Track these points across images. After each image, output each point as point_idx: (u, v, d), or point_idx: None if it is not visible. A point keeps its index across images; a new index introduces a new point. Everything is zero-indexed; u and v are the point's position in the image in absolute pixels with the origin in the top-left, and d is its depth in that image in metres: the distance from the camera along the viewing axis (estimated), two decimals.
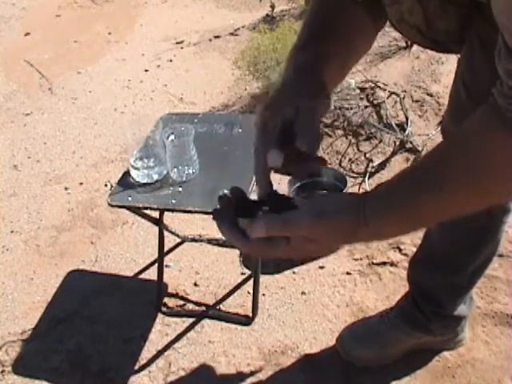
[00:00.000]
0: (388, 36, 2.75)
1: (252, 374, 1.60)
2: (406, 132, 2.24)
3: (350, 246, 1.82)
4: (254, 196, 0.81)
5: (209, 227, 2.07)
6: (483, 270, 1.41)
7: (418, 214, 0.73)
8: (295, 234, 0.73)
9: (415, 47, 2.65)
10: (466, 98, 1.10)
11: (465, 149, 0.70)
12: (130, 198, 1.56)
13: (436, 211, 0.73)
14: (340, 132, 2.34)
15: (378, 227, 0.73)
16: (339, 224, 0.72)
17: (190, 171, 1.59)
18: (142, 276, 1.94)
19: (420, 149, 2.21)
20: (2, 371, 1.68)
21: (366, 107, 2.37)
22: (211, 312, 1.78)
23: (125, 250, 2.04)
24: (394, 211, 0.73)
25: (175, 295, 1.85)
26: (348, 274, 1.84)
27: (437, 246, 1.38)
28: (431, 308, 1.47)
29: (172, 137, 1.59)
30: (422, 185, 0.71)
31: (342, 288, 1.80)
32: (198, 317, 1.77)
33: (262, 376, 1.59)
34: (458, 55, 1.11)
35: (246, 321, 1.74)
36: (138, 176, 1.59)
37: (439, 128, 2.23)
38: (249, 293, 1.80)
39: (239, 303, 1.80)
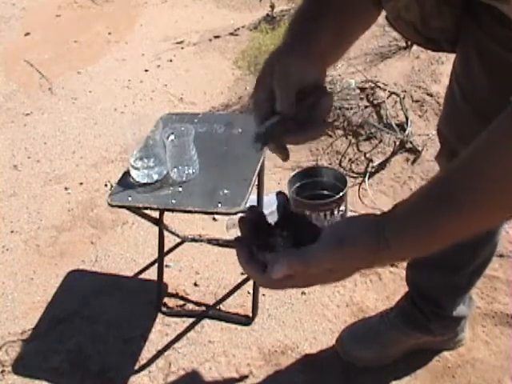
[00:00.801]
0: (388, 36, 2.75)
1: (252, 374, 1.60)
2: (406, 132, 2.24)
3: None
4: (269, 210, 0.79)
5: (209, 227, 2.07)
6: (482, 271, 1.41)
7: (438, 236, 0.71)
8: (318, 270, 0.71)
9: (415, 47, 2.65)
10: (462, 101, 1.10)
11: (484, 162, 0.68)
12: (130, 198, 1.56)
13: (456, 231, 0.71)
14: (340, 132, 2.34)
15: (398, 249, 0.71)
16: (360, 252, 0.70)
17: (190, 171, 1.59)
18: (142, 276, 1.94)
19: (420, 149, 2.21)
20: (2, 371, 1.68)
21: (365, 107, 2.37)
22: (211, 312, 1.79)
23: (125, 250, 2.04)
24: (413, 234, 0.71)
25: (175, 295, 1.85)
26: None
27: None
28: (431, 308, 1.47)
29: (172, 137, 1.59)
30: (442, 204, 0.69)
31: (342, 288, 1.80)
32: (198, 317, 1.77)
33: (262, 376, 1.59)
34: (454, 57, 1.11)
35: (246, 321, 1.74)
36: (138, 176, 1.59)
37: None
38: (249, 293, 1.80)
39: (239, 303, 1.80)
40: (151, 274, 1.90)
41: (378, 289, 1.78)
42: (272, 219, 0.78)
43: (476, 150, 0.69)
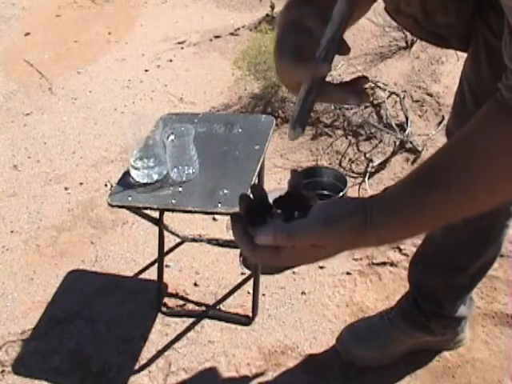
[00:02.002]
0: (388, 36, 2.75)
1: (252, 374, 1.60)
2: (406, 132, 2.24)
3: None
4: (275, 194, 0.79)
5: (209, 227, 2.07)
6: (485, 272, 1.41)
7: (426, 216, 0.72)
8: (302, 243, 0.72)
9: (415, 47, 2.65)
10: (470, 98, 1.10)
11: (470, 146, 0.69)
12: (130, 198, 1.56)
13: (444, 212, 0.72)
14: (340, 132, 2.34)
15: (385, 231, 0.72)
16: (347, 229, 0.71)
17: (190, 171, 1.59)
18: (142, 276, 1.94)
19: (420, 149, 2.21)
20: (2, 371, 1.68)
21: (366, 107, 2.37)
22: (211, 312, 1.79)
23: (125, 250, 2.04)
24: (401, 214, 0.71)
25: (175, 295, 1.85)
26: (348, 274, 1.84)
27: (438, 246, 1.38)
28: (431, 308, 1.47)
29: (172, 137, 1.59)
30: (429, 186, 0.70)
31: (342, 288, 1.80)
32: (198, 317, 1.77)
33: (261, 376, 1.59)
34: (461, 57, 1.11)
35: (245, 321, 1.74)
36: (137, 176, 1.59)
37: (439, 128, 2.23)
38: (249, 293, 1.80)
39: (239, 303, 1.80)
40: (151, 274, 1.90)
41: (378, 289, 1.78)
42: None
43: (464, 133, 0.71)
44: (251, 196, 0.79)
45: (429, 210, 0.71)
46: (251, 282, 1.78)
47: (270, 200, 0.78)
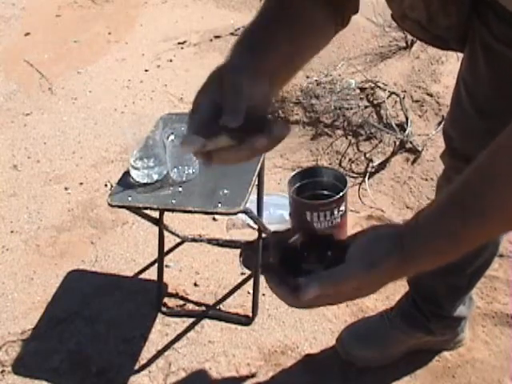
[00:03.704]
0: (388, 36, 2.75)
1: (252, 374, 1.60)
2: (406, 132, 2.24)
3: None
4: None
5: (209, 227, 2.07)
6: (483, 272, 1.41)
7: (462, 244, 0.71)
8: (347, 289, 0.73)
9: (415, 47, 2.65)
10: (466, 98, 1.10)
11: (501, 170, 0.67)
12: (130, 198, 1.56)
13: (479, 238, 0.72)
14: (340, 132, 2.34)
15: (422, 261, 0.72)
16: (387, 269, 0.72)
17: (190, 171, 1.59)
18: (142, 276, 1.94)
19: (420, 149, 2.21)
20: (2, 371, 1.68)
21: (365, 107, 2.37)
22: (211, 312, 1.79)
23: (125, 250, 2.04)
24: (437, 244, 0.71)
25: (175, 295, 1.85)
26: None
27: None
28: (431, 308, 1.47)
29: (172, 137, 1.59)
30: (465, 214, 0.69)
31: None
32: (198, 317, 1.77)
33: (261, 376, 1.59)
34: (460, 58, 1.11)
35: (245, 321, 1.74)
36: (137, 176, 1.59)
37: (439, 128, 2.23)
38: (249, 293, 1.80)
39: (239, 303, 1.80)
40: (151, 274, 1.90)
41: None
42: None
43: (493, 152, 0.68)
44: (274, 242, 0.79)
45: (465, 235, 0.70)
46: (251, 282, 1.78)
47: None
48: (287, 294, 0.74)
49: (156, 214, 1.76)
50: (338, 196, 1.82)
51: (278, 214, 1.96)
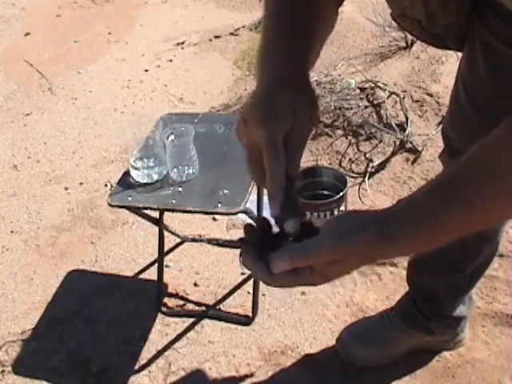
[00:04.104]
0: (388, 36, 2.75)
1: (252, 374, 1.60)
2: (406, 132, 2.24)
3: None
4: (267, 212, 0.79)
5: (209, 227, 2.07)
6: (483, 271, 1.41)
7: (445, 229, 0.71)
8: (320, 261, 0.71)
9: (415, 47, 2.65)
10: (464, 97, 1.10)
11: (494, 160, 0.68)
12: (130, 198, 1.56)
13: (464, 225, 0.71)
14: (340, 132, 2.34)
15: (402, 243, 0.71)
16: (363, 242, 0.70)
17: (190, 171, 1.58)
18: (142, 276, 1.94)
19: (420, 149, 2.21)
20: (2, 371, 1.68)
21: (366, 107, 2.37)
22: (211, 312, 1.79)
23: (125, 250, 2.04)
24: (419, 227, 0.70)
25: (175, 295, 1.85)
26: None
27: None
28: (431, 308, 1.47)
29: (172, 137, 1.59)
30: (450, 200, 0.69)
31: (342, 288, 1.80)
32: (198, 317, 1.77)
33: (262, 376, 1.59)
34: (459, 57, 1.11)
35: (246, 321, 1.74)
36: (137, 176, 1.59)
37: (439, 128, 2.23)
38: (249, 293, 1.80)
39: (239, 303, 1.80)
40: (151, 274, 1.90)
41: (378, 289, 1.78)
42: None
43: (486, 147, 0.69)
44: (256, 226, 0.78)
45: (449, 224, 0.70)
46: (251, 282, 1.78)
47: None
48: (263, 271, 0.73)
49: (156, 214, 1.76)
50: (338, 196, 1.82)
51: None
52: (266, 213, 0.81)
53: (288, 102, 0.76)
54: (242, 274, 1.89)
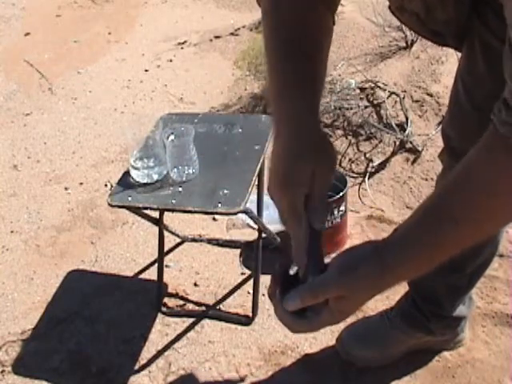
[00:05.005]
0: (388, 36, 2.75)
1: (252, 374, 1.60)
2: (406, 132, 2.24)
3: None
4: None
5: (209, 227, 2.07)
6: (483, 271, 1.41)
7: (438, 251, 0.74)
8: (326, 296, 0.75)
9: (415, 47, 2.65)
10: (464, 97, 1.10)
11: (471, 179, 0.71)
12: (130, 198, 1.56)
13: (455, 244, 0.74)
14: (340, 132, 2.34)
15: (402, 270, 0.75)
16: (363, 276, 0.74)
17: (190, 171, 1.58)
18: (142, 276, 1.94)
19: (420, 149, 2.21)
20: (2, 371, 1.68)
21: (366, 107, 2.37)
22: (211, 312, 1.79)
23: (125, 250, 2.04)
24: (413, 253, 0.74)
25: (175, 295, 1.85)
26: None
27: None
28: (431, 308, 1.47)
29: (172, 137, 1.59)
30: (437, 222, 0.72)
31: None
32: (198, 317, 1.77)
33: (262, 376, 1.59)
34: (460, 57, 1.11)
35: (245, 321, 1.74)
36: (137, 176, 1.59)
37: (439, 128, 2.23)
38: (249, 293, 1.80)
39: (239, 303, 1.80)
40: (151, 274, 1.90)
41: None
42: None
43: (464, 166, 0.73)
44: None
45: (441, 246, 0.73)
46: (251, 282, 1.78)
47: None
48: (291, 321, 0.79)
49: (156, 214, 1.76)
50: (338, 196, 1.82)
51: (278, 213, 1.96)
52: (266, 213, 0.83)
53: (308, 169, 0.80)
54: (242, 274, 1.89)
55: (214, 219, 2.09)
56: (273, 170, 0.83)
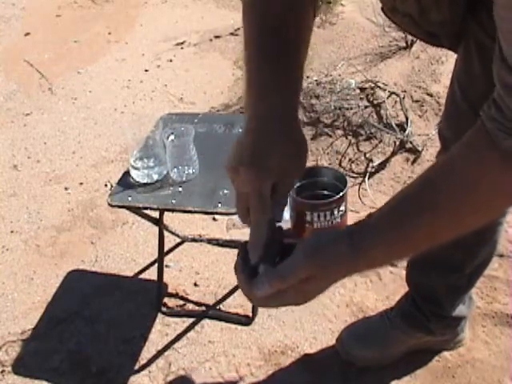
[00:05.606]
0: (388, 36, 2.75)
1: (252, 374, 1.60)
2: (406, 132, 2.24)
3: None
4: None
5: (209, 227, 2.07)
6: (482, 271, 1.41)
7: (412, 240, 0.74)
8: (297, 279, 0.73)
9: (415, 47, 2.65)
10: (460, 97, 1.11)
11: (452, 172, 0.71)
12: (130, 198, 1.56)
13: (429, 236, 0.73)
14: (340, 132, 2.34)
15: (373, 255, 0.73)
16: (333, 257, 0.73)
17: (190, 171, 1.59)
18: (142, 276, 1.94)
19: (420, 149, 2.21)
20: (2, 371, 1.68)
21: (366, 107, 2.37)
22: (211, 312, 1.79)
23: (125, 250, 2.04)
24: (387, 239, 0.73)
25: (175, 295, 1.85)
26: None
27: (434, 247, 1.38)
28: (431, 308, 1.47)
29: (172, 137, 1.59)
30: (413, 210, 0.72)
31: (342, 288, 1.80)
32: (198, 317, 1.77)
33: (261, 376, 1.59)
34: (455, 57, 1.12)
35: (245, 321, 1.74)
36: (137, 176, 1.59)
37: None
38: None
39: (239, 303, 1.80)
40: (151, 274, 1.90)
41: (378, 289, 1.78)
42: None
43: (447, 160, 0.73)
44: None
45: (414, 234, 0.73)
46: None
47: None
48: (243, 282, 0.79)
49: (156, 214, 1.76)
50: (338, 196, 1.82)
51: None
52: None
53: (277, 157, 0.78)
54: None
55: (214, 219, 2.09)
56: (243, 148, 0.80)
